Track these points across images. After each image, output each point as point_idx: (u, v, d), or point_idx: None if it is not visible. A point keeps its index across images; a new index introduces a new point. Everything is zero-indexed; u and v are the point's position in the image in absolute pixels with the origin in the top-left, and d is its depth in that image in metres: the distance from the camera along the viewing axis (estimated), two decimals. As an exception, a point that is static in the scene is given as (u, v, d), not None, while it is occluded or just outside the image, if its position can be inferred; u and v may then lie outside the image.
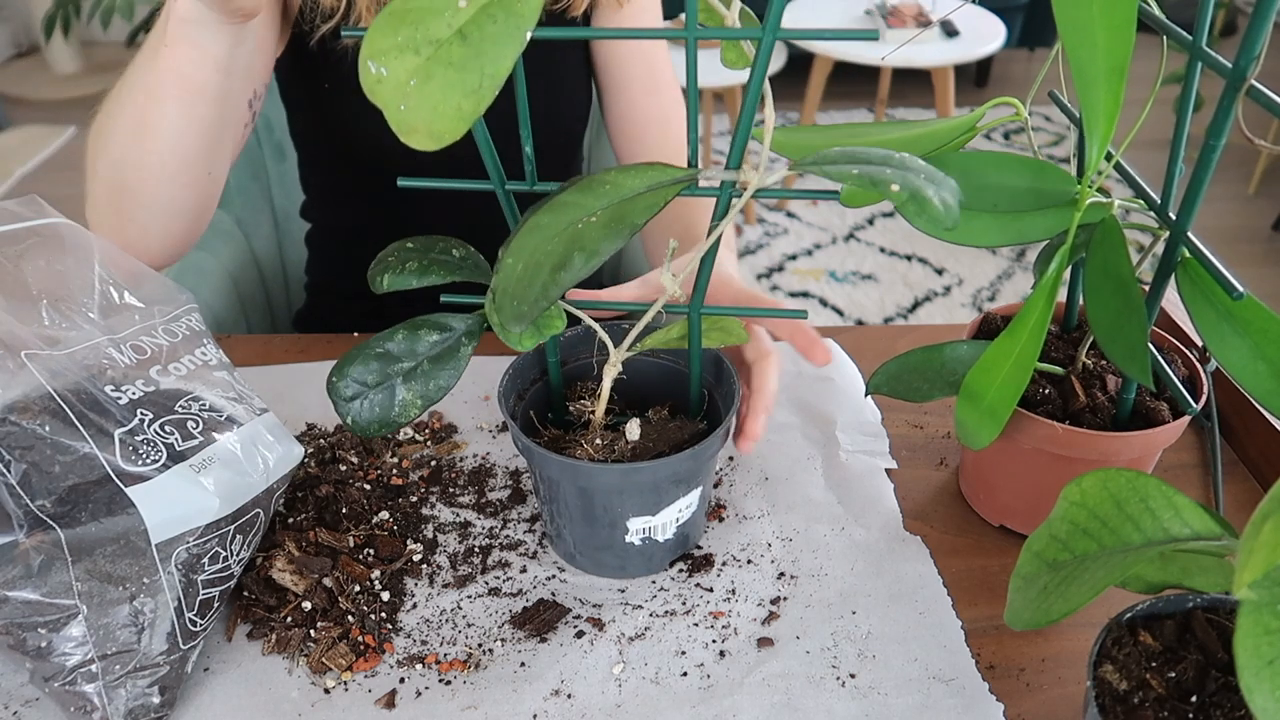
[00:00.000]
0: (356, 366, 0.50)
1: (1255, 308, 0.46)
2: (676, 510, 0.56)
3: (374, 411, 0.50)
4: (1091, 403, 0.57)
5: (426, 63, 0.33)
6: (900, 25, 2.67)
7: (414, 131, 0.34)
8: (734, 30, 0.41)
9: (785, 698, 0.51)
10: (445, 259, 0.52)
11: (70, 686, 0.48)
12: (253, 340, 0.82)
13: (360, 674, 0.53)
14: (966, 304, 2.39)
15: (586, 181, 0.41)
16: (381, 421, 0.50)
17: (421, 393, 0.50)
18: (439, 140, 0.34)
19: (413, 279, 0.51)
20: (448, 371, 0.51)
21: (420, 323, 0.51)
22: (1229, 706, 0.41)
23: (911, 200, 0.35)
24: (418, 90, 0.34)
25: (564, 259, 0.38)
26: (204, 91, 0.66)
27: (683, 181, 0.41)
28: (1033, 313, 0.49)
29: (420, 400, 0.50)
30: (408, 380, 0.50)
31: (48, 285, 0.52)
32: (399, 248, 0.52)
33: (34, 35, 3.77)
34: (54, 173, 3.06)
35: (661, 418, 0.58)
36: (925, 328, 0.81)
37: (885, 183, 0.36)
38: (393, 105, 0.34)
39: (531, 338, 0.51)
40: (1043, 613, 0.39)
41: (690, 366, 0.57)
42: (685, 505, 0.56)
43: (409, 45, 0.33)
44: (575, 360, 0.62)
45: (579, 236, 0.38)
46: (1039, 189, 0.50)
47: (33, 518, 0.46)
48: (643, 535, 0.56)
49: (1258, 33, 0.41)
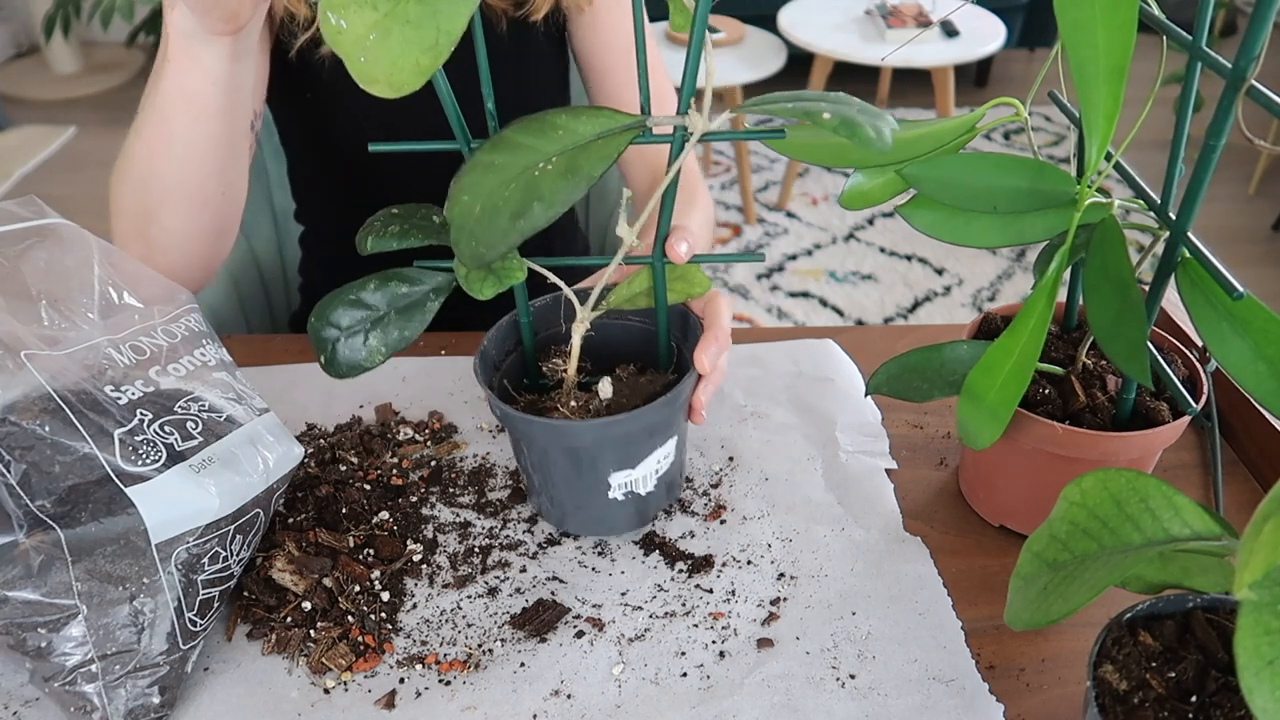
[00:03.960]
0: (335, 311, 0.53)
1: (1255, 308, 0.46)
2: (655, 461, 0.57)
3: (345, 354, 0.53)
4: (1091, 403, 0.57)
5: (384, 19, 0.35)
6: (900, 25, 2.67)
7: (375, 82, 0.36)
8: None
9: (785, 698, 0.51)
10: (425, 224, 0.54)
11: (70, 686, 0.48)
12: (253, 340, 0.82)
13: (360, 674, 0.53)
14: (966, 304, 2.39)
15: (537, 123, 0.43)
16: (349, 364, 0.53)
17: (385, 341, 0.53)
18: (398, 90, 0.36)
19: (393, 241, 0.53)
20: (414, 323, 0.54)
21: (391, 275, 0.54)
22: (1229, 706, 0.41)
23: (843, 125, 0.37)
24: (377, 45, 0.35)
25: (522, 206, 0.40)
26: (208, 108, 0.67)
27: (633, 128, 0.43)
28: (1033, 313, 0.49)
29: (384, 348, 0.53)
30: (374, 328, 0.53)
31: (47, 285, 0.52)
32: (384, 214, 0.54)
33: (34, 35, 3.77)
34: (54, 173, 3.06)
35: (631, 373, 0.60)
36: (925, 328, 0.81)
37: (818, 113, 0.38)
38: (353, 56, 0.36)
39: (493, 286, 0.52)
40: (1043, 613, 0.39)
41: (657, 317, 0.59)
42: (663, 455, 0.58)
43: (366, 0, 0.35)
44: (547, 330, 0.64)
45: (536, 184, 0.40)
46: (1039, 189, 0.50)
47: (33, 518, 0.46)
48: (625, 489, 0.57)
49: (1257, 33, 0.41)
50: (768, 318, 2.32)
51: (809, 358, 0.77)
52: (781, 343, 0.78)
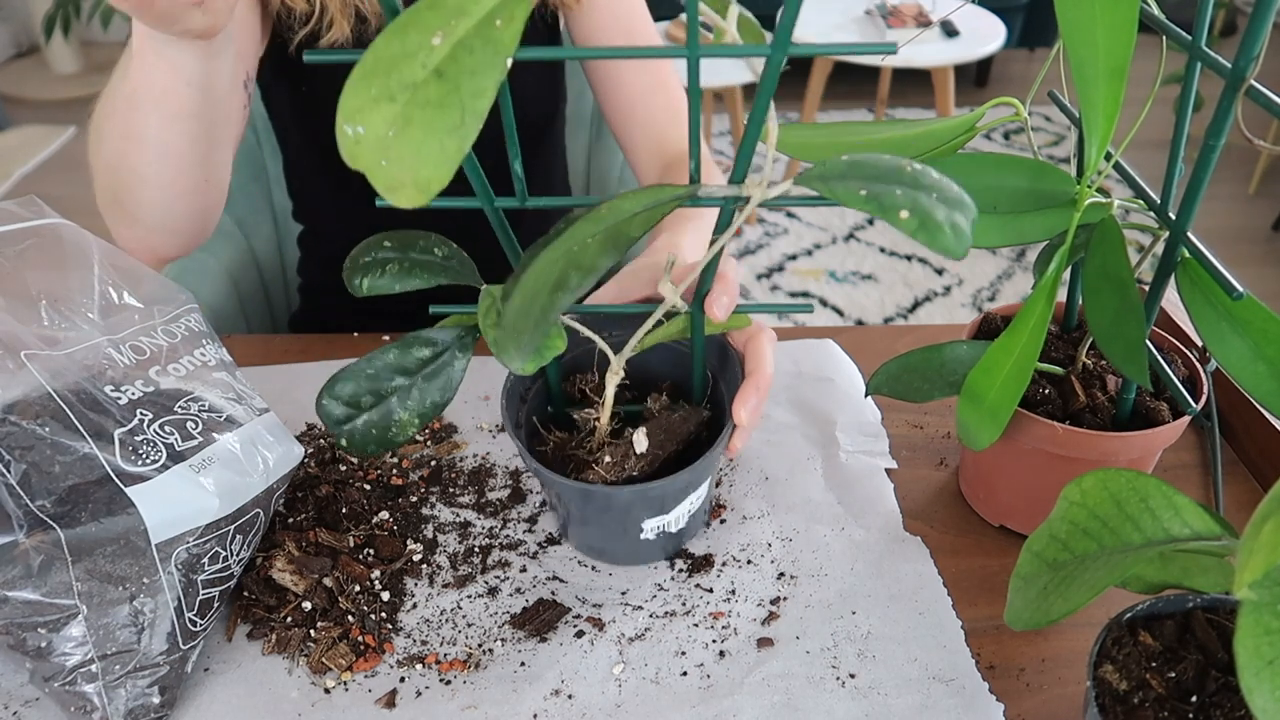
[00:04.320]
0: (346, 385, 0.48)
1: (1255, 308, 0.46)
2: (688, 505, 0.57)
3: (370, 432, 0.48)
4: (1091, 403, 0.57)
5: (404, 108, 0.31)
6: (900, 25, 2.67)
7: (400, 187, 0.32)
8: (740, 48, 0.38)
9: (785, 698, 0.51)
10: (428, 259, 0.50)
11: (70, 686, 0.48)
12: (253, 340, 0.82)
13: (360, 674, 0.53)
14: (966, 304, 2.39)
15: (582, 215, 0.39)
16: (379, 442, 0.49)
17: (418, 410, 0.49)
18: (426, 191, 0.32)
19: (393, 283, 0.49)
20: (441, 387, 0.50)
21: (411, 340, 0.50)
22: (1229, 706, 0.41)
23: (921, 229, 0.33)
24: (397, 139, 0.31)
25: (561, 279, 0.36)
26: (183, 109, 0.64)
27: (682, 198, 0.40)
28: (1033, 313, 0.49)
29: (417, 419, 0.49)
30: (403, 398, 0.49)
31: (47, 285, 0.52)
32: (375, 246, 0.50)
33: (34, 35, 3.77)
34: (54, 173, 3.06)
35: (663, 406, 0.58)
36: (925, 328, 0.81)
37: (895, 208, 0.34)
38: (374, 164, 0.32)
39: (533, 363, 0.49)
40: (1043, 613, 0.39)
41: (693, 364, 0.57)
42: (695, 498, 0.57)
43: (384, 95, 0.31)
44: (572, 351, 0.61)
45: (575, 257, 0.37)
46: (1039, 189, 0.50)
47: (33, 518, 0.46)
48: (658, 531, 0.57)
49: (1257, 33, 0.41)
50: (768, 318, 2.32)
51: (809, 358, 0.77)
52: (782, 343, 0.78)
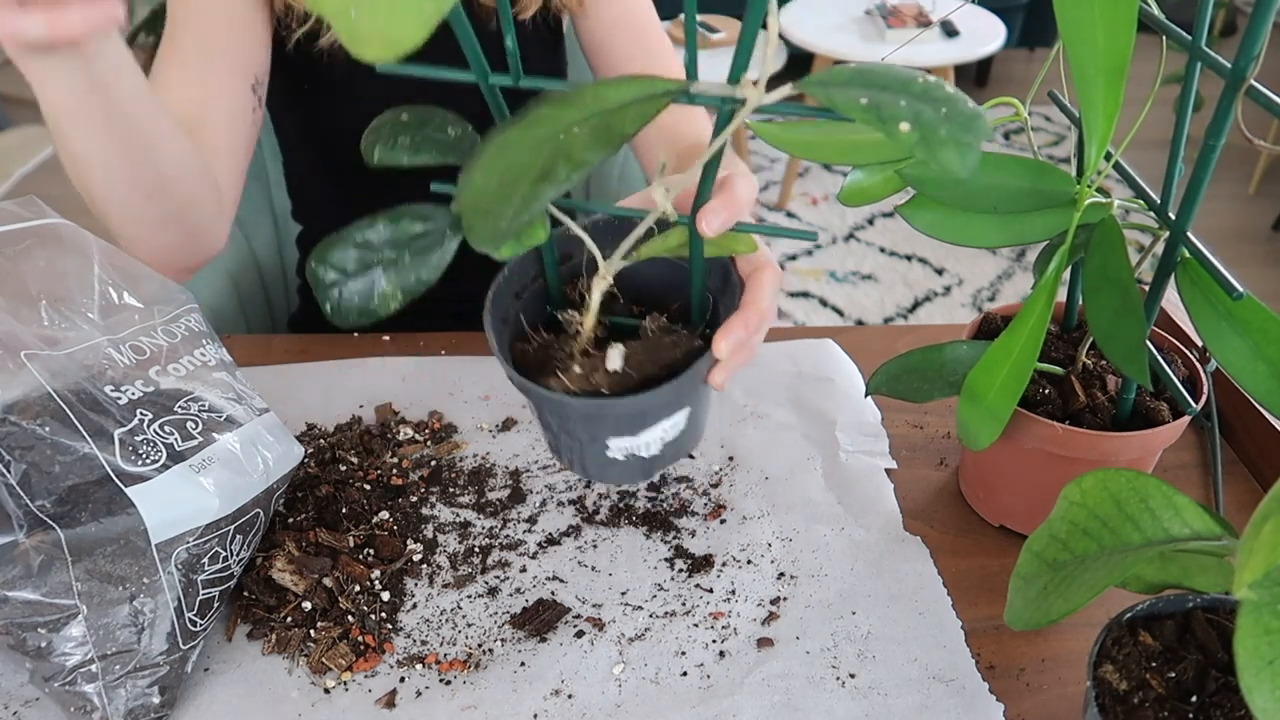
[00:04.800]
0: (336, 252, 0.48)
1: (1255, 308, 0.46)
2: (660, 431, 0.54)
3: (353, 300, 0.48)
4: (1091, 403, 0.57)
5: None
6: (900, 25, 2.67)
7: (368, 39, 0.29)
8: None
9: (785, 698, 0.51)
10: (439, 137, 0.49)
11: (70, 686, 0.48)
12: (253, 340, 0.82)
13: (360, 674, 0.53)
14: (966, 304, 2.39)
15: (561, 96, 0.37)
16: (361, 311, 0.48)
17: (401, 284, 0.48)
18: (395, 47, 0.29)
19: (404, 155, 0.48)
20: (430, 265, 0.48)
21: (402, 212, 0.49)
22: (1229, 706, 0.41)
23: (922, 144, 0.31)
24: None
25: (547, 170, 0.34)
26: (94, 119, 0.59)
27: (673, 92, 0.37)
28: (1033, 313, 0.49)
29: (400, 293, 0.48)
30: (388, 271, 0.48)
31: (47, 285, 0.52)
32: (393, 118, 0.49)
33: (34, 35, 3.76)
34: (54, 173, 3.04)
35: (660, 327, 0.55)
36: (925, 328, 0.81)
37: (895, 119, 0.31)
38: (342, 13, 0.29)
39: (511, 248, 0.48)
40: (1043, 613, 0.39)
41: (692, 277, 0.54)
42: (670, 426, 0.54)
43: None
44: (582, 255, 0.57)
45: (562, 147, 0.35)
46: (1039, 189, 0.50)
47: (33, 518, 0.46)
48: (625, 452, 0.54)
49: (1257, 33, 0.41)
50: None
51: (809, 358, 0.77)
52: (781, 343, 0.78)
